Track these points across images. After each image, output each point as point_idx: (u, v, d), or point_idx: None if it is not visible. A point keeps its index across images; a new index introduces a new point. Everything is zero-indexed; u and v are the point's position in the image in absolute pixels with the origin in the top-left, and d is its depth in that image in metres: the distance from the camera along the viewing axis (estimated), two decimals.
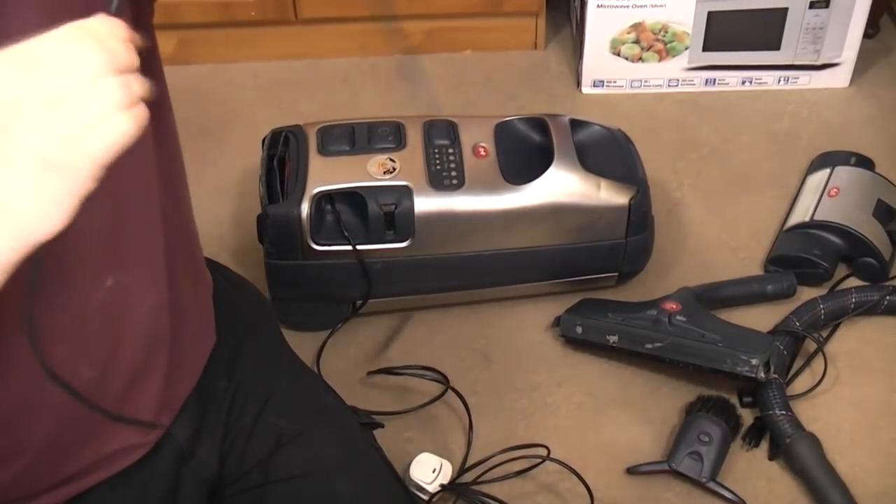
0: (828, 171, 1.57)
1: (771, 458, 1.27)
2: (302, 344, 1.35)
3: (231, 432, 0.98)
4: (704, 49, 1.79)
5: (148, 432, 0.91)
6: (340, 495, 0.98)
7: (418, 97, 1.85)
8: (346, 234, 1.32)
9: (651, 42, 1.78)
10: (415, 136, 1.38)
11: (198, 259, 1.01)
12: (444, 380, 1.35)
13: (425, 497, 1.21)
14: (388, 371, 1.36)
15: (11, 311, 0.71)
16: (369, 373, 1.37)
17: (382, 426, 1.16)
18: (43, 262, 0.71)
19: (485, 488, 1.23)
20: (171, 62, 0.82)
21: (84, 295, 0.79)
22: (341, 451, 1.02)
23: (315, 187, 1.31)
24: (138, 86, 0.58)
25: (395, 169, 1.33)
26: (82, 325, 0.80)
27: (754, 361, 1.25)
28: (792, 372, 1.35)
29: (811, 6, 1.72)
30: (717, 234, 1.58)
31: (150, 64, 0.68)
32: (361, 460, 1.03)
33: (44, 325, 0.77)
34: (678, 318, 1.32)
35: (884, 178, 1.55)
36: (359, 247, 1.32)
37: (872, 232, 1.46)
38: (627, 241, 1.39)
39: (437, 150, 1.36)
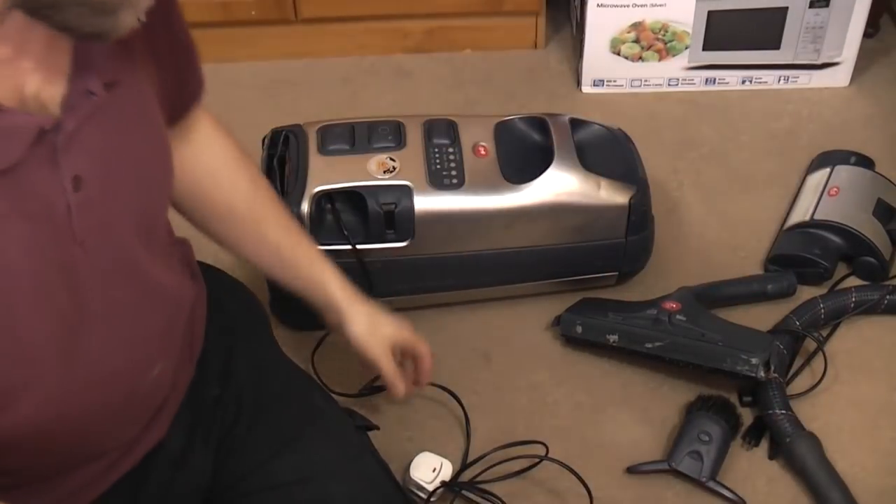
0: (828, 170, 1.57)
1: (771, 457, 1.27)
2: (301, 343, 1.35)
3: (226, 440, 0.98)
4: (704, 48, 1.79)
5: (135, 447, 0.92)
6: (335, 499, 0.98)
7: (418, 97, 1.85)
8: (345, 233, 1.32)
9: (651, 41, 1.78)
10: (415, 136, 1.38)
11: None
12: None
13: (426, 496, 1.21)
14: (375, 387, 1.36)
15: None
16: (360, 390, 1.35)
17: (378, 428, 1.16)
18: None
19: (485, 487, 1.23)
20: None
21: (134, 381, 0.83)
22: (335, 454, 1.02)
23: (315, 187, 1.31)
24: None
25: (395, 168, 1.33)
26: (127, 409, 0.85)
27: (754, 361, 1.25)
28: (792, 371, 1.35)
29: (811, 5, 1.72)
30: (717, 234, 1.58)
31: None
32: (355, 463, 1.03)
33: (92, 410, 0.79)
34: (678, 317, 1.32)
35: (884, 177, 1.55)
36: (359, 246, 1.32)
37: (872, 231, 1.46)
38: (627, 240, 1.39)
39: (437, 150, 1.36)
